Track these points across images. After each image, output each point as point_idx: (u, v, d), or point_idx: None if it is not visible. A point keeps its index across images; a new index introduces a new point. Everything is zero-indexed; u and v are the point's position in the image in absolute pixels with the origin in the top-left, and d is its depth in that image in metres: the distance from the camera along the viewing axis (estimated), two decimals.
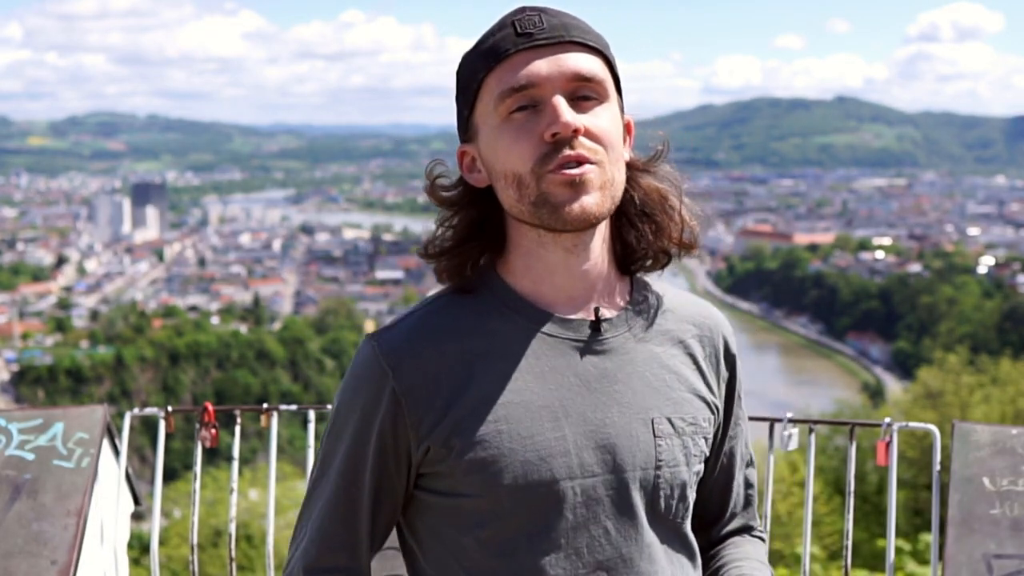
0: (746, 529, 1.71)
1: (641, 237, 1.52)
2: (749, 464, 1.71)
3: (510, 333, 1.45)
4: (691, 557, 1.54)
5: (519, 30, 1.41)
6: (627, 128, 1.51)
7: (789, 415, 3.36)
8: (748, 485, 1.70)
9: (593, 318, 1.48)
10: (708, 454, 1.55)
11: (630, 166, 1.50)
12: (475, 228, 1.49)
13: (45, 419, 3.47)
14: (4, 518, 3.25)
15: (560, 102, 1.39)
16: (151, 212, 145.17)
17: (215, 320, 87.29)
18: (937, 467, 3.23)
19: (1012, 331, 73.99)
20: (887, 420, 3.27)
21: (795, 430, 3.34)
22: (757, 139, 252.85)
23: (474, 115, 1.45)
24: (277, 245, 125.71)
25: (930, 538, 5.21)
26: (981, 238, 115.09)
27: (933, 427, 3.32)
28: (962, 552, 2.96)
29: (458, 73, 1.48)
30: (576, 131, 1.38)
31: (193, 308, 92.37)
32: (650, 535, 1.46)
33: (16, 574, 3.13)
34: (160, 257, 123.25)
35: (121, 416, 3.71)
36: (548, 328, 1.46)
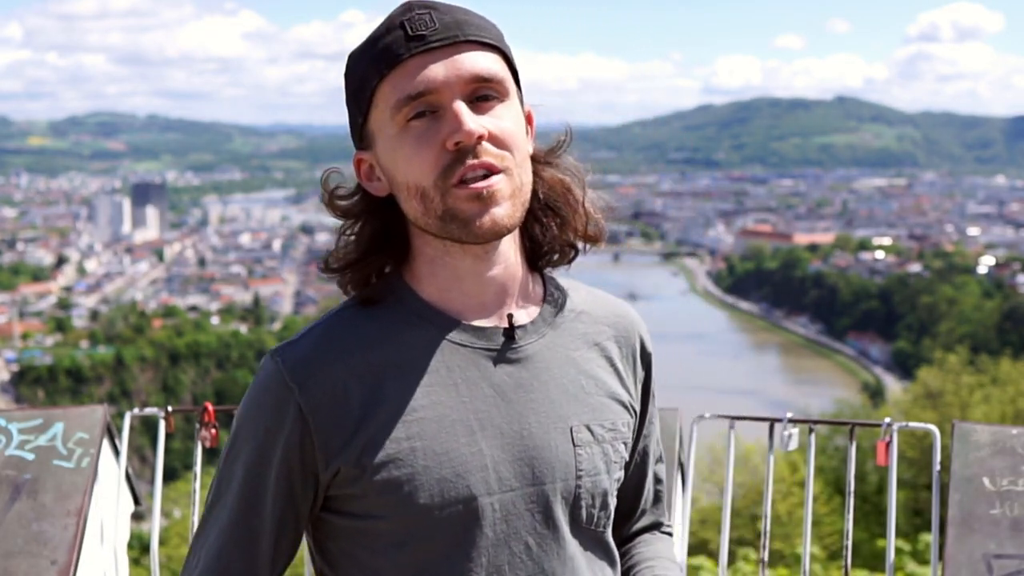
0: (655, 526, 1.69)
1: (546, 231, 1.46)
2: (659, 460, 1.67)
3: (421, 344, 1.38)
4: (612, 563, 1.50)
5: (410, 32, 1.32)
6: (528, 119, 1.43)
7: (789, 415, 3.36)
8: (658, 481, 1.67)
9: (507, 325, 1.41)
10: (627, 459, 1.51)
11: (532, 159, 1.42)
12: (379, 238, 1.42)
13: (45, 419, 3.47)
14: (4, 518, 3.25)
15: (461, 108, 1.31)
16: (151, 212, 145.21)
17: (215, 320, 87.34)
18: (937, 467, 3.23)
19: (1012, 331, 74.01)
20: (887, 420, 3.28)
21: (795, 430, 3.34)
22: (757, 139, 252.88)
23: (368, 123, 1.38)
24: (277, 245, 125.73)
25: (930, 538, 5.21)
26: (981, 238, 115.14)
27: (933, 427, 3.32)
28: (962, 552, 2.96)
29: (347, 77, 1.40)
30: (480, 138, 1.31)
31: (193, 308, 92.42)
32: (572, 546, 1.41)
33: (16, 574, 3.13)
34: (160, 257, 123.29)
35: (121, 416, 3.71)
36: (460, 338, 1.39)
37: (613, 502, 1.48)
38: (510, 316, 1.41)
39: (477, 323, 1.40)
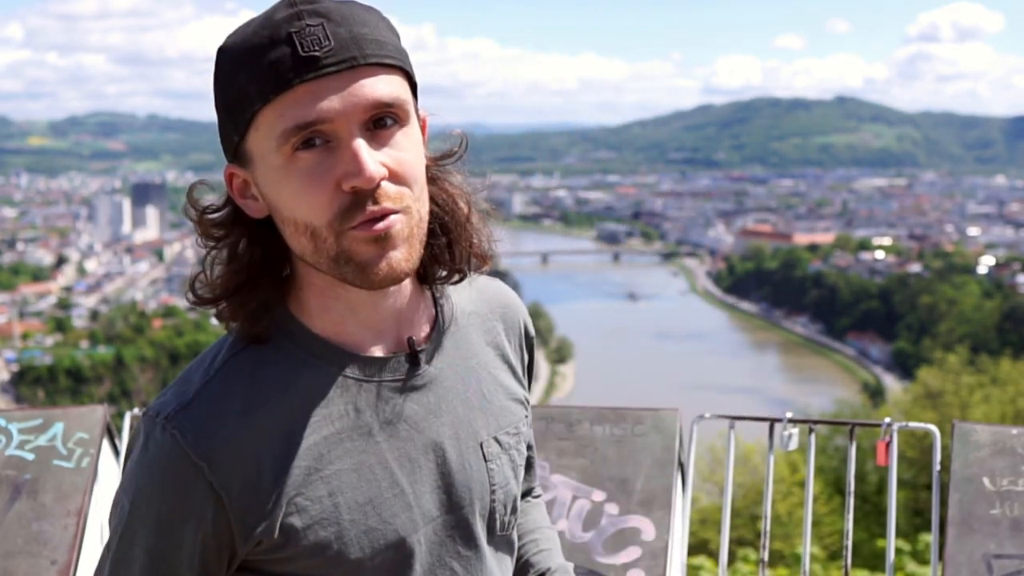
0: (528, 492, 1.68)
1: (436, 249, 1.34)
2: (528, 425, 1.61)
3: (323, 387, 1.26)
4: (513, 552, 1.48)
5: (301, 51, 1.15)
6: (422, 127, 1.30)
7: (789, 415, 3.36)
8: (530, 447, 1.59)
9: (408, 351, 1.31)
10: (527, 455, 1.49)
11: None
12: (258, 263, 1.27)
13: (45, 419, 3.48)
14: (4, 518, 3.25)
15: (360, 146, 1.17)
16: (151, 212, 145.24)
17: (215, 320, 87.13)
18: (937, 467, 3.23)
19: (1012, 331, 74.06)
20: (887, 420, 3.28)
21: (795, 430, 3.34)
22: (757, 139, 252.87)
23: (246, 142, 1.21)
24: None
25: (930, 538, 5.21)
26: (981, 238, 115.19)
27: (933, 427, 3.32)
28: (962, 552, 2.96)
29: (220, 81, 1.22)
30: (380, 179, 1.18)
31: (193, 308, 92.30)
32: (489, 556, 1.38)
33: (16, 574, 3.13)
34: (160, 257, 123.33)
35: (121, 416, 3.71)
36: (363, 373, 1.28)
37: (519, 502, 1.46)
38: (411, 340, 1.32)
39: (377, 354, 1.30)
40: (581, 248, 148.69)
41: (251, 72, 1.17)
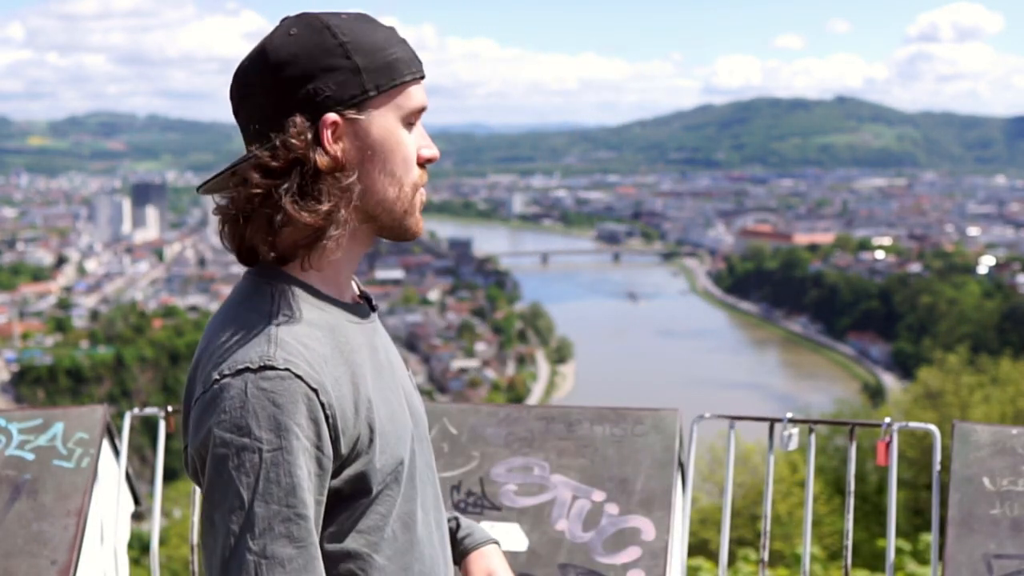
0: None
1: None
2: None
3: (343, 326, 1.50)
4: None
5: (414, 54, 1.51)
6: None
7: (789, 415, 3.36)
8: None
9: (361, 301, 1.60)
10: None
11: None
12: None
13: (45, 419, 3.48)
14: (4, 518, 3.25)
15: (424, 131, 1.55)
16: (151, 212, 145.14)
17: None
18: (937, 467, 3.23)
19: (1012, 331, 74.08)
20: (887, 420, 3.28)
21: (795, 430, 3.34)
22: (757, 139, 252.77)
23: (377, 100, 1.47)
24: None
25: (930, 538, 5.21)
26: (981, 238, 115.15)
27: (933, 427, 3.32)
28: (962, 552, 2.96)
29: (371, 41, 1.47)
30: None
31: (193, 308, 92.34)
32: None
33: (16, 574, 3.13)
34: (160, 257, 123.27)
35: (121, 416, 3.71)
36: (356, 317, 1.54)
37: None
38: (364, 294, 1.62)
39: (352, 302, 1.57)
40: (581, 248, 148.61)
41: (403, 51, 1.49)
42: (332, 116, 1.44)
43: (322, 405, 1.38)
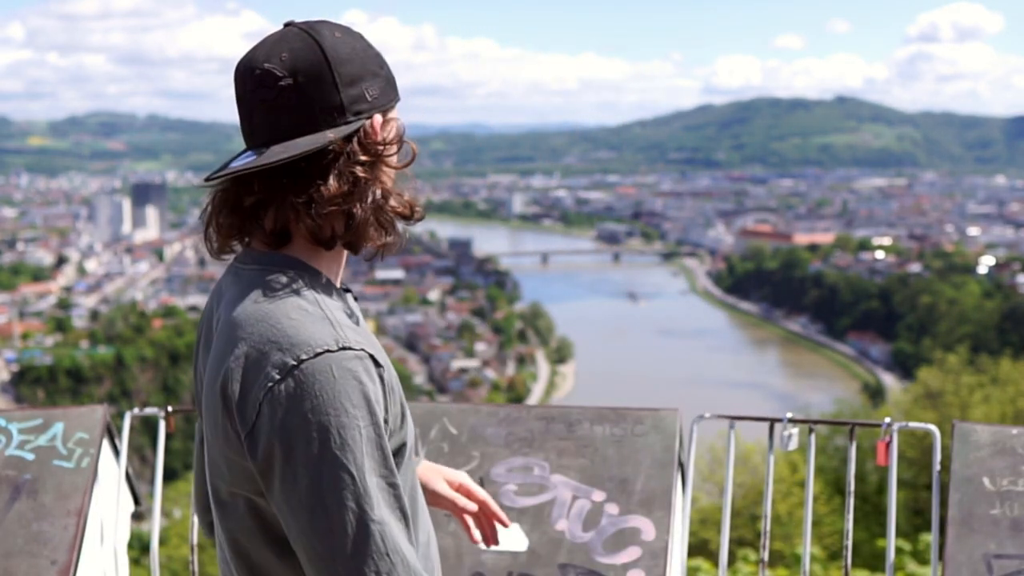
0: None
1: None
2: None
3: (353, 310, 1.65)
4: None
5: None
6: None
7: (789, 415, 3.36)
8: None
9: (344, 290, 1.68)
10: None
11: None
12: None
13: (45, 419, 3.48)
14: (4, 518, 3.25)
15: None
16: (151, 212, 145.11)
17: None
18: (937, 467, 3.23)
19: (1012, 331, 74.08)
20: (887, 420, 3.28)
21: (795, 430, 3.34)
22: (757, 139, 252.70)
23: (394, 107, 1.62)
24: None
25: (930, 538, 5.21)
26: (981, 238, 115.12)
27: (933, 427, 3.32)
28: (962, 552, 2.96)
29: (379, 58, 1.60)
30: None
31: (193, 308, 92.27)
32: None
33: (16, 574, 3.13)
34: (160, 257, 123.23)
35: (121, 416, 3.71)
36: (353, 303, 1.66)
37: None
38: (343, 284, 1.70)
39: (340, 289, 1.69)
40: (581, 248, 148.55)
41: (389, 71, 1.63)
42: (379, 117, 1.57)
43: (383, 381, 1.50)
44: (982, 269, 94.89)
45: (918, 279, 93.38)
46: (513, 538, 3.24)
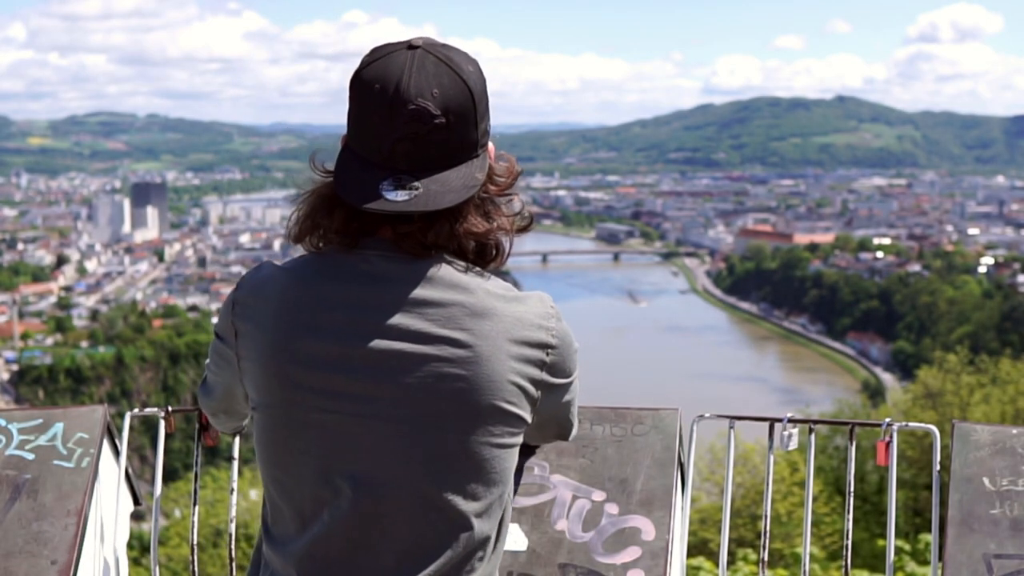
0: None
1: None
2: None
3: None
4: None
5: None
6: None
7: (789, 415, 3.36)
8: None
9: None
10: None
11: None
12: None
13: (45, 419, 3.48)
14: (4, 518, 3.25)
15: None
16: (151, 212, 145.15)
17: (215, 320, 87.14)
18: (937, 467, 3.23)
19: (1012, 331, 74.07)
20: (887, 420, 3.27)
21: (795, 430, 3.34)
22: (757, 139, 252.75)
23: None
24: (277, 245, 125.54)
25: (930, 538, 5.21)
26: (981, 238, 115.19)
27: (933, 427, 3.32)
28: (962, 552, 2.96)
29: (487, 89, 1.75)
30: None
31: (193, 308, 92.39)
32: None
33: (16, 574, 3.13)
34: (160, 257, 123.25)
35: (121, 416, 3.71)
36: None
37: None
38: None
39: None
40: (581, 248, 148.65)
41: None
42: (491, 146, 1.81)
43: None
44: (982, 269, 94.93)
45: (918, 279, 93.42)
46: (512, 538, 3.25)
